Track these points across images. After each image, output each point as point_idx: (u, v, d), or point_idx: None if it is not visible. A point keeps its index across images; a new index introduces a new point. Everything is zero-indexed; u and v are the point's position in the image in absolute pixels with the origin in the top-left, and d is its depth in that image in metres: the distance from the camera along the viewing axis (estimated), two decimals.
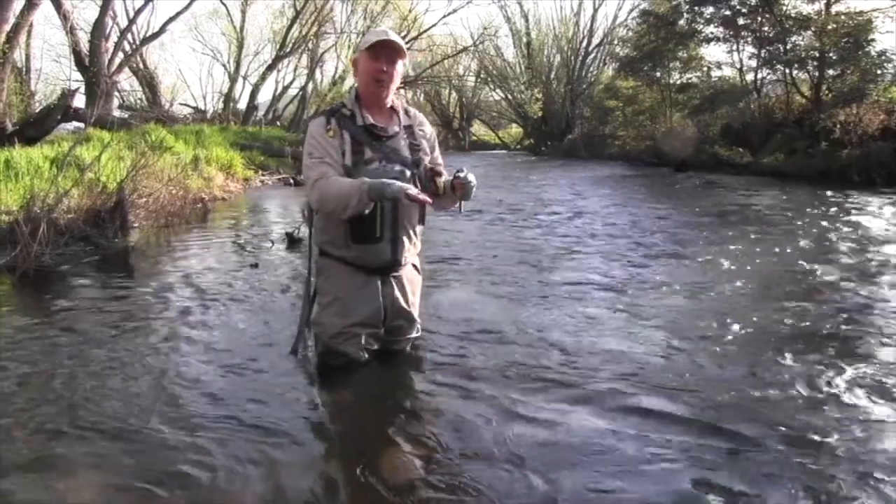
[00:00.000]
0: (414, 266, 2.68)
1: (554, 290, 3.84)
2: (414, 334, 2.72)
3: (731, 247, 5.13)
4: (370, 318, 2.52)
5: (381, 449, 2.00)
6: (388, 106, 2.51)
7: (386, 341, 2.62)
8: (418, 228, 2.60)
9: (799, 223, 6.31)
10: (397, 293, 2.57)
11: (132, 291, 3.97)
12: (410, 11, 24.49)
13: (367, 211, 2.29)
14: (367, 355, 2.54)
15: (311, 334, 2.66)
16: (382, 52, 2.39)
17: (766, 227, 6.19)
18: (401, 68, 2.48)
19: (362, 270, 2.50)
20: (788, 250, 4.97)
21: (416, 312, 2.69)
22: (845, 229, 5.93)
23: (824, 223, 6.30)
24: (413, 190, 2.24)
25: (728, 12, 15.10)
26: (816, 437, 2.01)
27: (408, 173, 2.44)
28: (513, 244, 5.52)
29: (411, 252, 2.59)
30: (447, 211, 2.78)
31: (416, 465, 1.89)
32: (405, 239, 2.51)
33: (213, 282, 4.16)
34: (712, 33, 16.14)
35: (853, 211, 7.16)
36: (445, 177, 2.51)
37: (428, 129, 2.64)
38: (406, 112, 2.59)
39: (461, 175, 2.42)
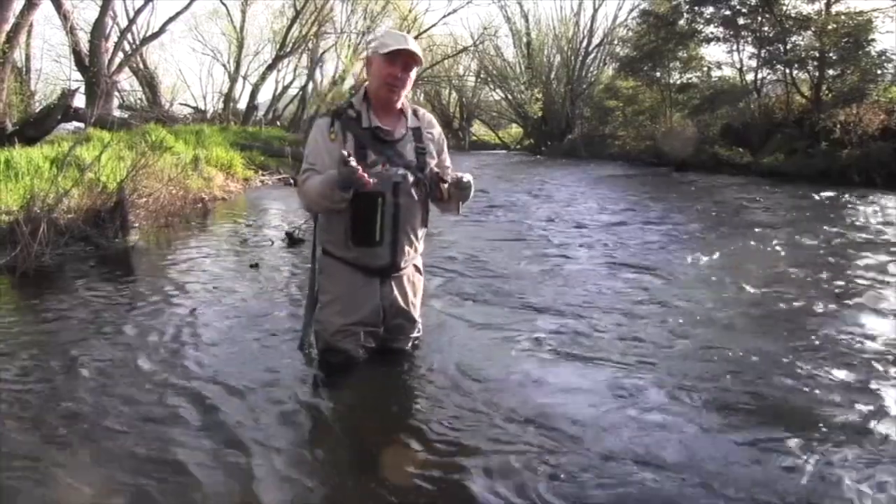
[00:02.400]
0: (416, 267, 2.69)
1: (555, 291, 3.84)
2: (415, 333, 2.73)
3: (731, 247, 5.13)
4: (369, 317, 2.54)
5: (380, 447, 2.00)
6: (398, 108, 2.51)
7: (386, 339, 2.63)
8: (420, 232, 2.59)
9: (799, 223, 6.31)
10: (396, 293, 2.58)
11: (132, 291, 3.97)
12: (410, 11, 24.54)
13: (345, 203, 2.28)
14: (365, 353, 2.55)
15: (313, 332, 2.67)
16: (399, 58, 2.38)
17: (765, 227, 6.19)
18: (414, 73, 2.48)
19: (362, 271, 2.50)
20: (788, 251, 4.97)
21: (416, 312, 2.70)
22: (845, 229, 5.93)
23: (824, 223, 6.30)
24: (361, 175, 2.19)
25: (728, 12, 15.09)
26: (815, 441, 2.01)
27: (411, 177, 2.44)
28: (514, 245, 5.52)
29: (411, 255, 2.59)
30: (450, 212, 2.78)
31: (416, 464, 1.89)
32: (405, 243, 2.51)
33: (214, 282, 4.16)
34: (712, 33, 16.14)
35: (853, 211, 7.16)
36: (450, 178, 2.52)
37: (436, 132, 2.63)
38: (415, 113, 2.57)
39: (458, 175, 2.47)
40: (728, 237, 5.69)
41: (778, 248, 5.08)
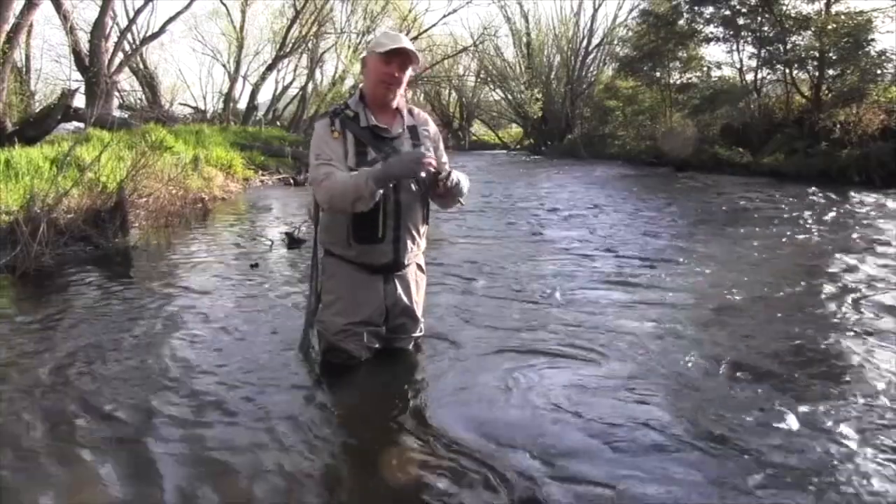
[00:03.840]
0: (418, 265, 2.69)
1: (554, 293, 3.84)
2: (417, 332, 2.73)
3: (731, 248, 5.13)
4: (372, 316, 2.54)
5: (382, 447, 2.00)
6: (393, 107, 2.52)
7: (389, 339, 2.63)
8: (422, 228, 2.60)
9: (798, 224, 6.31)
10: (400, 291, 2.58)
11: (132, 291, 3.97)
12: (410, 11, 24.51)
13: (375, 199, 2.29)
14: (369, 353, 2.55)
15: (315, 332, 2.67)
16: (395, 58, 2.40)
17: (765, 227, 6.19)
18: (410, 72, 2.49)
19: (364, 269, 2.50)
20: (787, 251, 4.97)
21: (419, 311, 2.70)
22: (844, 230, 5.93)
23: (823, 224, 6.30)
24: (427, 158, 2.28)
25: (728, 12, 15.07)
26: (808, 443, 2.01)
27: None
28: (516, 248, 5.52)
29: (414, 252, 2.59)
30: (451, 207, 2.78)
31: (416, 465, 1.89)
32: (408, 240, 2.51)
33: (213, 282, 4.16)
34: (712, 33, 16.12)
35: (852, 211, 7.16)
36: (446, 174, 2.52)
37: (432, 129, 2.64)
38: (410, 112, 2.59)
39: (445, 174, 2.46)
40: (726, 237, 5.68)
41: (776, 247, 5.08)
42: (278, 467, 1.87)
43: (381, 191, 2.29)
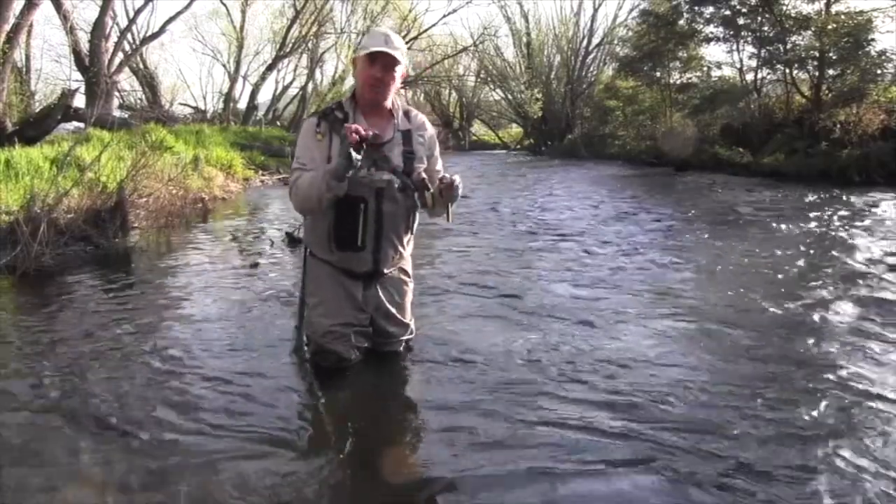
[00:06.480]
0: (402, 269, 2.65)
1: (552, 297, 3.83)
2: (406, 336, 2.70)
3: (731, 249, 5.13)
4: (357, 318, 2.52)
5: (374, 449, 2.00)
6: (387, 107, 2.46)
7: (377, 343, 2.61)
8: (405, 237, 2.56)
9: (799, 224, 6.31)
10: (382, 297, 2.56)
11: (132, 292, 3.97)
12: (410, 11, 24.51)
13: (340, 193, 2.24)
14: (358, 353, 2.53)
15: (305, 334, 2.67)
16: (379, 59, 2.33)
17: (765, 228, 6.19)
18: (400, 71, 2.40)
19: (345, 274, 2.49)
20: (789, 253, 4.96)
21: (405, 315, 2.67)
22: (845, 230, 5.93)
23: (824, 224, 6.29)
24: (351, 129, 2.17)
25: (728, 12, 15.06)
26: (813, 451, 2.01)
27: (396, 183, 2.39)
28: (513, 247, 5.52)
29: (396, 261, 2.56)
30: (440, 217, 2.74)
31: (408, 466, 1.89)
32: (389, 249, 2.48)
33: (214, 282, 4.16)
34: (712, 33, 16.11)
35: (853, 211, 7.16)
36: (438, 183, 2.47)
37: (428, 134, 2.56)
38: (407, 115, 2.51)
39: (446, 176, 2.37)
40: (726, 237, 5.68)
41: (776, 247, 5.08)
42: (271, 469, 1.86)
43: (344, 184, 2.22)
